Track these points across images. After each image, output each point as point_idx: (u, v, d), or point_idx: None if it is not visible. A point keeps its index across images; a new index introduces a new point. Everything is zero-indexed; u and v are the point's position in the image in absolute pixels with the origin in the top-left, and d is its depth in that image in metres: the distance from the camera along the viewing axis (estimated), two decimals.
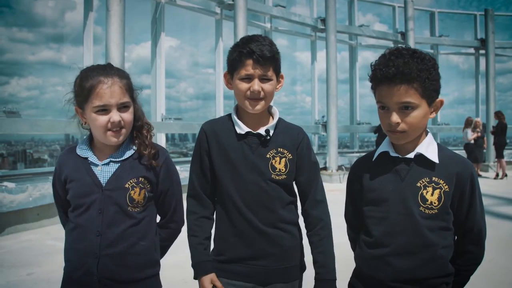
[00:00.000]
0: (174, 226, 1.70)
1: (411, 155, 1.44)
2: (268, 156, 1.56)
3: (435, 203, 1.39)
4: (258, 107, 1.54)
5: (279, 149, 1.58)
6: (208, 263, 1.58)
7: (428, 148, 1.44)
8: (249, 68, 1.51)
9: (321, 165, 10.12)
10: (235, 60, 1.54)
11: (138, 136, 1.58)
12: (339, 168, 10.36)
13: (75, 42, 8.17)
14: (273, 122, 1.61)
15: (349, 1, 12.90)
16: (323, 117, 11.54)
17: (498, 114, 11.41)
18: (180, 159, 9.59)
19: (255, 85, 1.51)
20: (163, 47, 8.83)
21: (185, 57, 11.75)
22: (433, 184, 1.40)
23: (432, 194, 1.39)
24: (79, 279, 1.50)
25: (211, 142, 1.61)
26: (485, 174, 11.55)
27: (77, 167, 1.54)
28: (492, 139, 11.70)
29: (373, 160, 1.52)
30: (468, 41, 14.59)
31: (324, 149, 11.70)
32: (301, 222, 1.64)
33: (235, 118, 1.60)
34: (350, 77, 13.31)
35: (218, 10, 9.59)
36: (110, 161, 1.54)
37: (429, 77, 1.35)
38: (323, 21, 10.96)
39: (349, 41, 13.11)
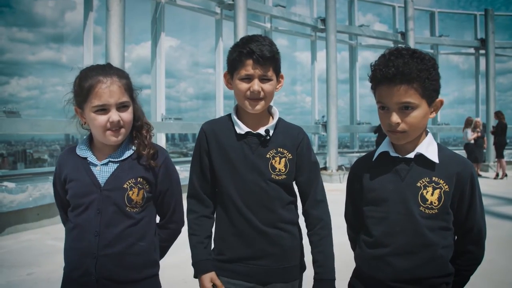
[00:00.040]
0: (173, 226, 1.69)
1: (411, 155, 1.44)
2: (268, 156, 1.56)
3: (435, 203, 1.39)
4: (258, 107, 1.54)
5: (279, 149, 1.58)
6: (208, 261, 1.58)
7: (428, 148, 1.44)
8: (249, 68, 1.51)
9: (321, 165, 10.12)
10: (235, 60, 1.54)
11: (138, 136, 1.58)
12: (339, 168, 10.36)
13: (75, 42, 8.19)
14: (273, 122, 1.61)
15: (349, 1, 12.90)
16: (323, 117, 11.54)
17: (498, 114, 11.41)
18: (180, 159, 9.59)
19: (255, 85, 1.51)
20: (163, 47, 8.83)
21: (185, 57, 11.76)
22: (433, 184, 1.40)
23: (432, 194, 1.39)
24: (77, 279, 1.50)
25: (210, 142, 1.61)
26: (485, 174, 11.54)
27: (77, 167, 1.54)
28: (492, 139, 11.70)
29: (373, 160, 1.52)
30: (468, 41, 14.59)
31: (324, 149, 11.69)
32: (301, 222, 1.64)
33: (235, 118, 1.60)
34: (350, 77, 13.31)
35: (218, 10, 9.59)
36: (109, 161, 1.54)
37: (429, 77, 1.35)
38: (323, 21, 10.96)
39: (349, 41, 13.11)
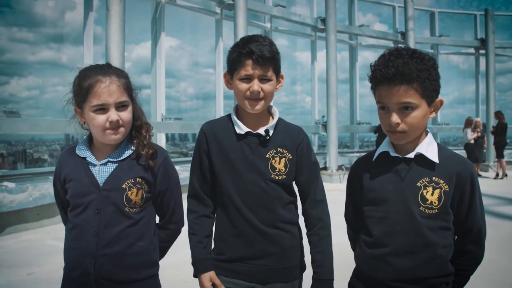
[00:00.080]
0: (173, 227, 1.69)
1: (411, 155, 1.44)
2: (267, 156, 1.56)
3: (435, 203, 1.39)
4: (257, 107, 1.54)
5: (278, 149, 1.57)
6: (207, 261, 1.59)
7: (428, 148, 1.44)
8: (249, 68, 1.51)
9: (321, 165, 10.12)
10: (234, 60, 1.54)
11: (137, 136, 1.57)
12: (339, 168, 10.36)
13: (75, 42, 8.19)
14: (273, 122, 1.61)
15: (349, 1, 12.89)
16: (323, 117, 11.54)
17: (498, 114, 11.41)
18: (180, 159, 9.59)
19: (255, 85, 1.51)
20: (163, 47, 8.83)
21: (185, 57, 11.77)
22: (433, 184, 1.40)
23: (432, 194, 1.39)
24: (77, 279, 1.50)
25: (210, 143, 1.61)
26: (485, 174, 11.54)
27: (76, 167, 1.54)
28: (492, 139, 11.70)
29: (373, 160, 1.52)
30: (468, 41, 14.59)
31: (324, 149, 11.69)
32: (301, 222, 1.64)
33: (234, 118, 1.60)
34: (350, 77, 13.30)
35: (218, 10, 9.59)
36: (108, 161, 1.54)
37: (428, 77, 1.35)
38: (323, 21, 10.96)
39: (349, 41, 13.10)
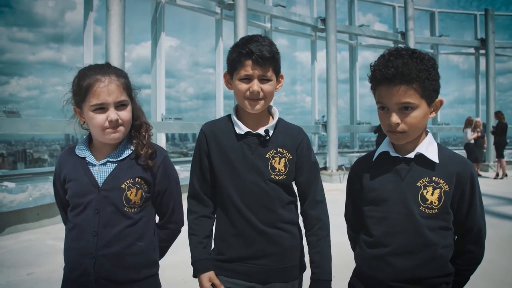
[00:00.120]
0: (173, 227, 1.69)
1: (411, 155, 1.44)
2: (267, 156, 1.56)
3: (435, 202, 1.39)
4: (257, 107, 1.54)
5: (278, 149, 1.57)
6: (207, 261, 1.59)
7: (428, 148, 1.44)
8: (249, 68, 1.51)
9: (321, 165, 10.12)
10: (234, 61, 1.54)
11: (136, 136, 1.57)
12: (339, 168, 10.35)
13: (75, 42, 8.20)
14: (272, 122, 1.61)
15: (349, 1, 12.89)
16: (323, 117, 11.54)
17: (498, 114, 11.41)
18: (180, 159, 9.59)
19: (254, 85, 1.51)
20: (163, 47, 8.83)
21: (185, 57, 11.78)
22: (433, 183, 1.40)
23: (432, 194, 1.39)
24: (76, 279, 1.50)
25: (210, 143, 1.61)
26: (485, 174, 11.54)
27: (76, 167, 1.54)
28: (492, 139, 11.70)
29: (373, 160, 1.52)
30: (468, 41, 14.59)
31: (324, 149, 11.69)
32: (301, 222, 1.64)
33: (234, 118, 1.60)
34: (350, 77, 13.31)
35: (218, 10, 9.59)
36: (107, 161, 1.54)
37: (428, 77, 1.35)
38: (323, 21, 10.95)
39: (349, 41, 13.10)
